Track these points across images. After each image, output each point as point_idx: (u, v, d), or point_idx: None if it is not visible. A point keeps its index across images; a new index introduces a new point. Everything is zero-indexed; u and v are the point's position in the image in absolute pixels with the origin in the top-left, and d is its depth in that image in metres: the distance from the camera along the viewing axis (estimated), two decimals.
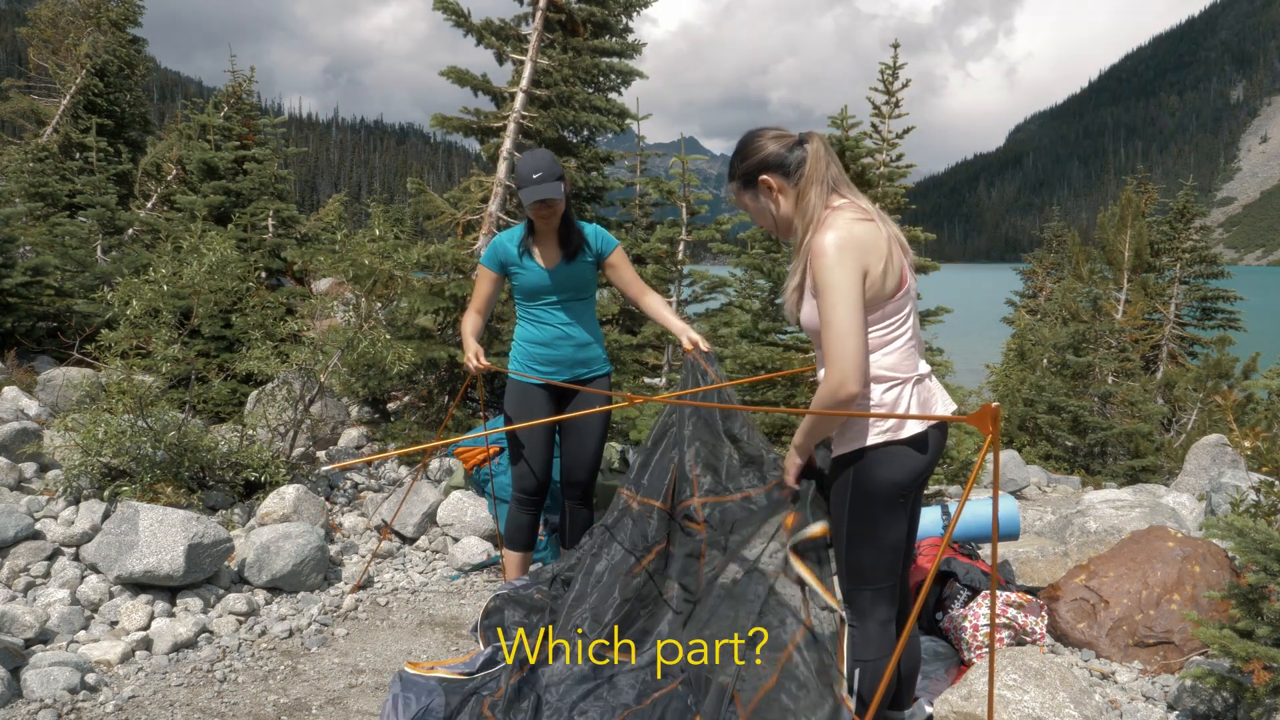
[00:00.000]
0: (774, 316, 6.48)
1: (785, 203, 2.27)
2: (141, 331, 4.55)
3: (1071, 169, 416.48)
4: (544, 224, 3.52)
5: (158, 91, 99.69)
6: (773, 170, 2.26)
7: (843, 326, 2.08)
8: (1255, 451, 3.77)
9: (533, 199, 3.39)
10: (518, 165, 3.48)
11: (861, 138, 6.24)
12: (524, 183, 3.41)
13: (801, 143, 2.25)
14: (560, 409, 3.68)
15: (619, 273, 3.65)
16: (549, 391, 3.64)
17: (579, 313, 3.65)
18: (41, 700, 2.92)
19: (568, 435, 3.72)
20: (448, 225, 6.63)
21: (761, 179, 2.27)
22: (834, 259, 2.09)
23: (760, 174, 2.27)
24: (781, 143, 2.27)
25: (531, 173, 3.40)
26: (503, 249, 3.59)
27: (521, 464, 3.67)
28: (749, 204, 2.36)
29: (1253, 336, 16.49)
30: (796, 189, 2.24)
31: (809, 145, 2.23)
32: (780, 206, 2.29)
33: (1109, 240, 17.30)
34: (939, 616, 3.50)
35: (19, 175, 9.62)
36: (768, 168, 2.26)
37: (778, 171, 2.25)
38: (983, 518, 3.77)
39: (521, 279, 3.58)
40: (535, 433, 3.63)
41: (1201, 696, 2.87)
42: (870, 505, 2.26)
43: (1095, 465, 10.78)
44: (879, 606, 2.35)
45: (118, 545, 3.65)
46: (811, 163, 2.21)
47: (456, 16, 6.33)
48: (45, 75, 11.95)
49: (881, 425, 2.20)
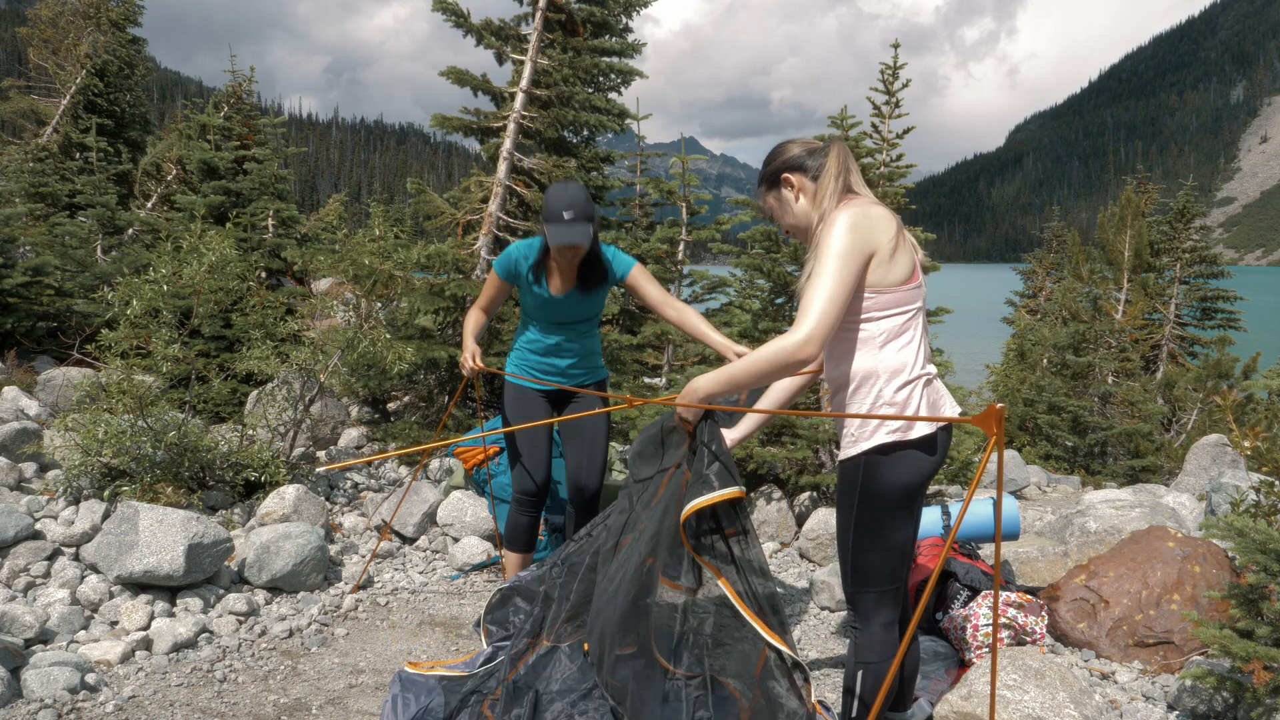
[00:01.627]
0: (774, 316, 6.48)
1: (804, 199, 2.38)
2: (141, 331, 4.55)
3: (1071, 169, 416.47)
4: (565, 261, 3.38)
5: (158, 91, 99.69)
6: (795, 170, 2.39)
7: (827, 288, 2.11)
8: (1255, 451, 3.77)
9: (559, 241, 3.22)
10: (548, 197, 3.26)
11: (862, 137, 6.24)
12: (552, 218, 3.21)
13: (825, 149, 2.39)
14: (559, 412, 3.66)
15: (643, 292, 3.43)
16: (547, 394, 3.63)
17: (584, 332, 3.60)
18: (41, 700, 2.92)
19: (571, 442, 3.66)
20: (448, 225, 6.63)
21: (784, 177, 2.39)
22: (842, 228, 2.16)
23: (784, 173, 2.40)
24: (805, 147, 2.41)
25: (563, 210, 3.19)
26: (514, 265, 3.44)
27: (520, 466, 3.63)
28: (773, 204, 2.46)
29: (1253, 336, 16.49)
30: (815, 185, 2.35)
31: (831, 149, 2.36)
32: (799, 203, 2.39)
33: (1109, 240, 17.29)
34: (939, 616, 3.50)
35: (19, 175, 9.61)
36: (790, 167, 2.39)
37: (799, 171, 2.38)
38: (983, 517, 3.77)
39: (530, 300, 3.48)
40: (534, 435, 3.60)
41: (1201, 696, 2.88)
42: (878, 508, 2.26)
43: (1095, 465, 10.78)
44: (883, 609, 2.36)
45: (118, 545, 3.65)
46: (831, 162, 2.33)
47: (456, 17, 6.33)
48: (45, 75, 11.94)
49: (891, 424, 2.20)
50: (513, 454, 3.65)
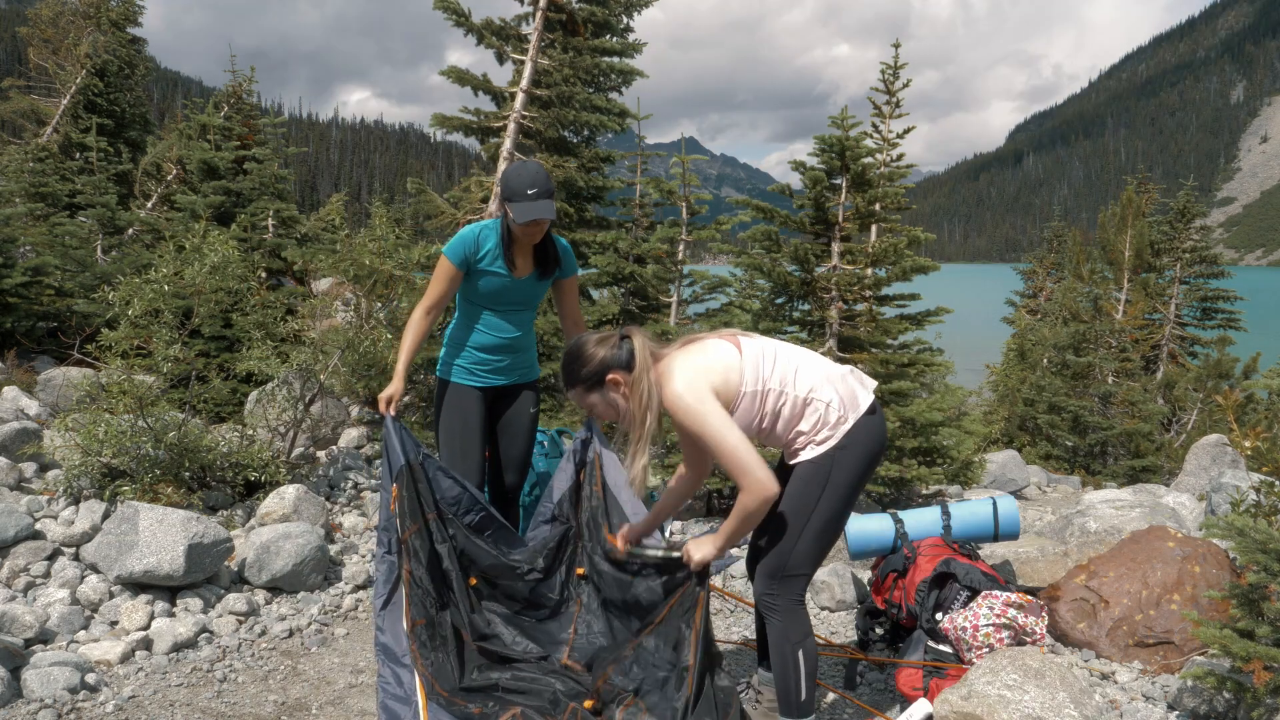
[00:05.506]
0: (774, 316, 6.49)
1: (631, 393, 2.54)
2: (142, 331, 4.55)
3: (1071, 169, 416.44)
4: (528, 239, 3.39)
5: (158, 91, 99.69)
6: (614, 368, 2.55)
7: (732, 448, 2.36)
8: (1255, 451, 3.77)
9: (528, 217, 3.23)
10: (508, 177, 3.30)
11: (862, 137, 6.24)
12: (516, 196, 3.24)
13: (624, 338, 2.56)
14: (493, 410, 3.63)
15: (567, 297, 3.62)
16: (483, 393, 3.58)
17: (526, 322, 3.60)
18: (41, 700, 2.92)
19: (502, 438, 3.68)
20: (448, 225, 6.63)
21: (609, 378, 2.55)
22: (688, 401, 2.40)
23: (607, 374, 2.55)
24: (608, 344, 2.57)
25: (526, 187, 3.22)
26: (473, 246, 3.39)
27: (455, 465, 3.54)
28: (595, 403, 2.61)
29: (1253, 336, 16.48)
30: (632, 377, 2.52)
31: (634, 340, 2.54)
32: (628, 398, 2.55)
33: (1109, 240, 17.29)
34: (939, 617, 3.50)
35: (19, 175, 9.61)
36: (609, 366, 2.55)
37: (618, 368, 2.55)
38: (982, 517, 3.77)
39: (487, 283, 3.45)
40: (470, 433, 3.55)
41: (1202, 696, 2.87)
42: (842, 495, 2.52)
43: (1095, 465, 10.78)
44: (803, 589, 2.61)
45: (118, 545, 3.65)
46: (640, 354, 2.51)
47: (457, 16, 6.33)
48: (45, 75, 11.94)
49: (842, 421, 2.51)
50: (449, 456, 3.55)
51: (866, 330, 6.21)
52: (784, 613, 2.56)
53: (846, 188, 6.20)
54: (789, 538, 2.54)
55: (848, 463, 2.51)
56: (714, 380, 2.47)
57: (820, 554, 2.58)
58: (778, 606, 2.57)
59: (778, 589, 2.56)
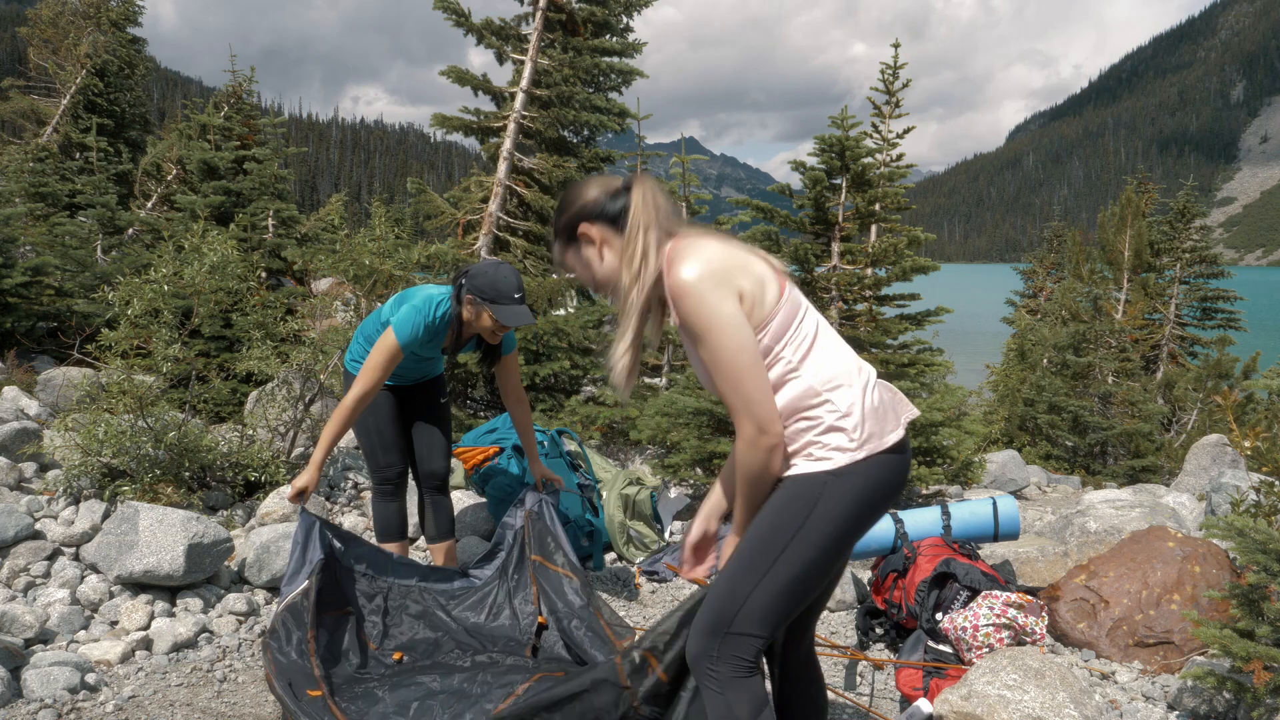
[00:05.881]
0: None
1: (610, 255, 1.98)
2: (142, 331, 4.55)
3: (1071, 169, 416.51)
4: (490, 336, 3.41)
5: (158, 91, 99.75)
6: (593, 219, 1.98)
7: (737, 365, 1.77)
8: (1255, 451, 3.77)
9: (516, 322, 3.25)
10: (490, 278, 3.27)
11: (862, 137, 6.25)
12: (503, 299, 3.23)
13: (626, 188, 1.98)
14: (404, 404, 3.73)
15: (512, 370, 3.63)
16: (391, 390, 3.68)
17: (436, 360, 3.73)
18: (41, 700, 2.92)
19: (418, 430, 3.76)
20: (448, 225, 6.64)
21: (581, 230, 1.99)
22: (701, 291, 1.80)
23: (579, 224, 1.99)
24: (603, 188, 1.99)
25: (513, 291, 3.23)
26: (423, 336, 3.37)
27: (377, 456, 3.67)
28: (573, 262, 2.06)
29: (1253, 336, 16.50)
30: (623, 237, 1.95)
31: (634, 189, 1.96)
32: (604, 259, 1.99)
33: (1109, 240, 17.30)
34: (939, 617, 3.50)
35: (19, 175, 9.61)
36: (586, 216, 1.98)
37: (599, 220, 1.97)
38: (982, 517, 3.77)
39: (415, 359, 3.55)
40: (384, 422, 3.64)
41: (1202, 696, 2.88)
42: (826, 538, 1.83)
43: (1095, 465, 10.79)
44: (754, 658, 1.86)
45: (118, 545, 3.65)
46: (638, 206, 1.93)
47: (457, 16, 6.33)
48: (45, 75, 11.96)
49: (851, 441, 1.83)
50: (368, 447, 3.67)
51: (866, 330, 6.22)
52: (725, 685, 1.82)
53: (846, 188, 6.21)
54: (745, 578, 1.83)
55: (844, 497, 1.81)
56: (744, 284, 1.84)
57: (781, 613, 1.86)
58: (716, 674, 1.83)
59: (718, 651, 1.83)
